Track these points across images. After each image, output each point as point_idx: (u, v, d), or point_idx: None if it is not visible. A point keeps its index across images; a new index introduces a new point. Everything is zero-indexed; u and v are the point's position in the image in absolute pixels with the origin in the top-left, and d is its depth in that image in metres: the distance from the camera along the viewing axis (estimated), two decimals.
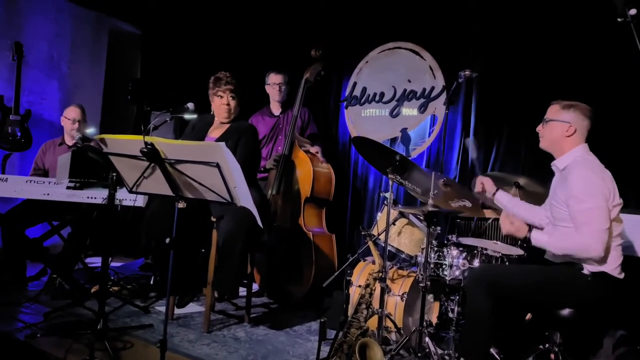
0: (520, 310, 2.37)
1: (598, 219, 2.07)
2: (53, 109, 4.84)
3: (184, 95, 3.16)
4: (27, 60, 4.39)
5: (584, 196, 2.10)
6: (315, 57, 3.85)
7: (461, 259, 2.62)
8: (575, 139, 2.26)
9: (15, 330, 2.72)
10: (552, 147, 2.33)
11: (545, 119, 2.33)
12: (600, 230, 2.07)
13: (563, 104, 2.29)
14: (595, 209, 2.08)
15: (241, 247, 2.81)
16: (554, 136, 2.29)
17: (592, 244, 2.06)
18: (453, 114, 3.85)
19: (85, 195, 3.10)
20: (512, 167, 3.57)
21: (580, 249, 2.10)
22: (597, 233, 2.07)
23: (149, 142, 2.02)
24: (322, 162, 3.79)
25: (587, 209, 2.08)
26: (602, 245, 2.06)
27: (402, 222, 3.00)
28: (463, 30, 3.84)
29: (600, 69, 3.24)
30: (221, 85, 3.10)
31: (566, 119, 2.26)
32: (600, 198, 2.09)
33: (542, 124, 2.34)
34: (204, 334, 2.91)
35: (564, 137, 2.26)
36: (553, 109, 2.31)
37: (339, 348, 2.28)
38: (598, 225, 2.07)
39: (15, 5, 4.55)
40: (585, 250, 2.08)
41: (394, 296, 2.80)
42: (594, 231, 2.07)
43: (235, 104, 3.14)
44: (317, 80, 3.87)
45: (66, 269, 3.45)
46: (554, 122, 2.29)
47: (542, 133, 2.34)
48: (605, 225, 2.07)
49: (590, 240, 2.07)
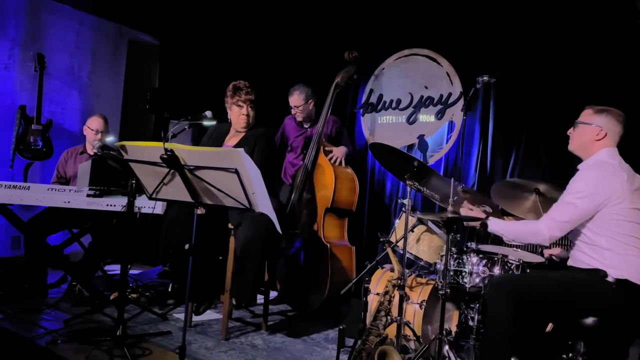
0: (542, 318, 2.32)
1: (560, 211, 2.17)
2: (73, 119, 4.93)
3: (202, 104, 3.19)
4: (49, 70, 4.50)
5: (570, 190, 2.19)
6: (349, 60, 3.74)
7: (481, 266, 2.59)
8: (605, 143, 2.25)
9: (37, 336, 2.75)
10: (580, 150, 2.33)
11: (577, 122, 2.33)
12: (554, 220, 2.16)
13: (596, 108, 2.29)
14: (567, 202, 2.17)
15: (259, 254, 2.81)
16: (583, 139, 2.29)
17: (544, 230, 2.17)
18: (471, 120, 3.82)
19: (105, 203, 3.13)
20: (532, 173, 3.51)
21: (530, 234, 2.24)
22: (551, 221, 2.17)
23: (169, 148, 2.04)
24: (346, 169, 3.69)
25: (562, 201, 2.19)
26: (550, 233, 2.16)
27: (420, 229, 2.97)
28: (480, 36, 3.81)
29: (622, 72, 3.18)
30: (241, 95, 3.12)
31: (598, 122, 2.25)
32: (580, 197, 2.13)
33: (573, 127, 2.34)
34: (221, 341, 2.91)
35: (593, 141, 2.26)
36: (586, 113, 2.32)
37: (357, 356, 2.26)
38: (556, 215, 2.17)
39: (38, 18, 4.66)
40: (535, 235, 2.21)
41: (412, 304, 2.77)
42: (549, 220, 2.18)
43: (253, 114, 3.17)
44: (348, 84, 3.77)
45: (86, 276, 3.49)
46: (585, 125, 2.28)
47: (573, 136, 2.34)
48: (562, 219, 2.15)
49: (543, 227, 2.18)
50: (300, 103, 3.81)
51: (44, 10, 4.70)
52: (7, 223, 3.34)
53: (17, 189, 3.08)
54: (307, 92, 3.82)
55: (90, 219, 3.46)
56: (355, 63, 3.76)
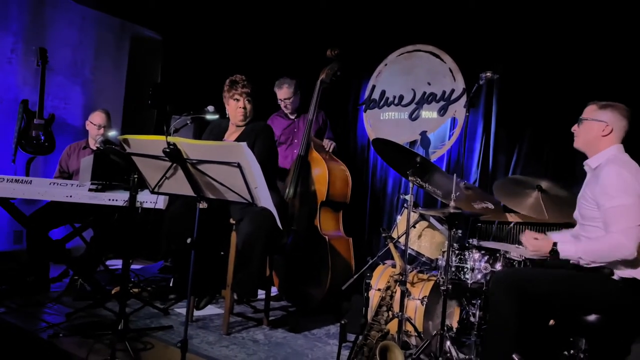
0: (545, 315, 2.32)
1: (629, 216, 2.01)
2: (76, 114, 4.93)
3: (204, 99, 3.18)
4: (52, 65, 4.49)
5: (615, 192, 2.05)
6: (331, 57, 3.81)
7: (483, 262, 2.59)
8: (611, 139, 2.21)
9: (39, 330, 2.76)
10: (586, 147, 2.28)
11: (581, 118, 2.29)
12: (632, 227, 2.00)
13: (600, 104, 2.25)
14: (626, 205, 2.02)
15: (261, 249, 2.81)
16: (589, 136, 2.25)
17: (624, 241, 1.99)
18: (474, 116, 3.81)
19: (107, 198, 3.13)
20: (535, 169, 3.50)
21: (611, 248, 2.03)
22: (628, 230, 2.00)
23: (172, 142, 2.04)
24: (338, 163, 3.77)
25: (618, 205, 2.03)
26: (634, 242, 1.99)
27: (422, 224, 2.97)
28: (483, 32, 3.80)
29: (626, 67, 3.17)
30: (237, 89, 3.10)
31: (603, 118, 2.22)
32: (632, 194, 2.04)
33: (577, 124, 2.30)
34: (223, 335, 2.91)
35: (599, 137, 2.22)
36: (590, 108, 2.28)
37: (359, 351, 2.26)
38: (629, 222, 2.01)
39: (41, 12, 4.66)
40: (617, 248, 2.01)
41: (414, 300, 2.77)
42: (625, 228, 2.00)
43: (250, 107, 3.14)
44: (333, 81, 3.82)
45: (88, 270, 3.50)
46: (590, 122, 2.24)
47: (578, 133, 2.30)
48: (637, 222, 2.01)
49: (622, 238, 2.00)
50: (290, 95, 3.93)
51: (47, 4, 4.70)
52: (10, 217, 3.36)
53: (19, 183, 3.08)
54: (294, 84, 3.95)
55: (92, 213, 3.47)
56: (338, 60, 3.82)
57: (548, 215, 2.80)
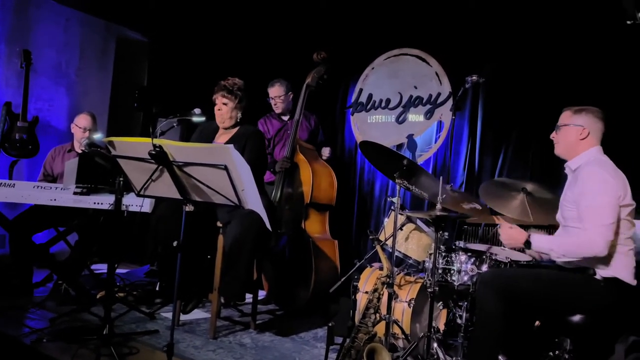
0: (530, 315, 2.34)
1: (603, 214, 2.07)
2: (61, 116, 4.87)
3: (191, 102, 3.16)
4: (36, 67, 4.43)
5: (592, 192, 2.11)
6: (318, 61, 3.82)
7: (469, 264, 2.60)
8: (589, 142, 2.26)
9: (22, 335, 2.71)
10: (566, 152, 2.33)
11: (558, 125, 2.34)
12: (606, 225, 2.06)
13: (574, 109, 2.31)
14: (601, 204, 2.08)
15: (249, 252, 2.80)
16: (568, 141, 2.29)
17: (596, 238, 2.04)
18: (460, 120, 3.84)
19: (92, 201, 3.10)
20: (520, 172, 3.54)
21: (582, 244, 2.08)
22: (601, 228, 2.05)
23: (157, 144, 2.03)
24: (323, 165, 3.78)
25: (593, 204, 2.09)
26: (605, 240, 2.04)
27: (409, 227, 2.98)
28: (469, 36, 3.84)
29: (609, 73, 3.22)
30: (217, 91, 3.10)
31: (579, 122, 2.27)
32: (609, 194, 2.09)
33: (555, 131, 2.35)
34: (209, 340, 2.89)
35: (578, 141, 2.27)
36: (565, 114, 2.33)
37: (347, 353, 2.26)
38: (603, 220, 2.06)
39: (25, 13, 4.60)
40: (588, 244, 2.06)
41: (401, 302, 2.77)
42: (597, 226, 2.06)
43: (228, 109, 3.08)
44: (319, 84, 3.83)
45: (72, 275, 3.45)
46: (567, 127, 2.29)
47: (557, 139, 2.34)
48: (609, 221, 2.06)
49: (594, 235, 2.05)
50: (281, 93, 3.94)
51: (31, 5, 4.64)
52: None
53: (2, 186, 3.04)
54: (286, 84, 3.98)
55: (77, 217, 3.42)
56: (325, 63, 3.83)
57: (533, 218, 2.82)
